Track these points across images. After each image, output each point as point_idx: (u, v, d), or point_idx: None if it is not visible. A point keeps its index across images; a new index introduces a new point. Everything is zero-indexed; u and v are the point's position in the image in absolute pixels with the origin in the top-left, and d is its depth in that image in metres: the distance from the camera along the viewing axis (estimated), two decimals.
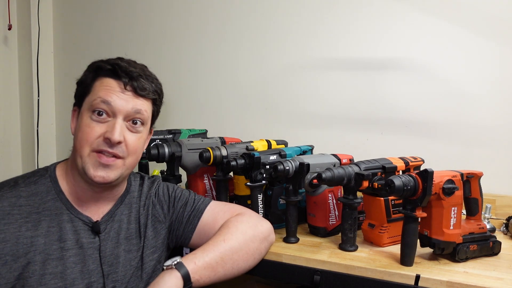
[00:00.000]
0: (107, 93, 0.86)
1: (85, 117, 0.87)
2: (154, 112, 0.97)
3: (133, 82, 0.88)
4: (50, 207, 0.87)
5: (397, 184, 0.99)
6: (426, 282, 0.97)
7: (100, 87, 0.88)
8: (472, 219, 1.15)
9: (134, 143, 0.90)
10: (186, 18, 1.98)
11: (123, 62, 0.91)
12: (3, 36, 2.12)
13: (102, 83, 0.88)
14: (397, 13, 1.60)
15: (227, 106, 1.93)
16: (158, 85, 0.96)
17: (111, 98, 0.86)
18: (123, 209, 0.98)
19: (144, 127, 0.93)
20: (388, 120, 1.65)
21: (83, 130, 0.86)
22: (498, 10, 1.47)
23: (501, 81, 1.49)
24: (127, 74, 0.88)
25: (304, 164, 1.18)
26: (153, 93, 0.93)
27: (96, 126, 0.86)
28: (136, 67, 0.92)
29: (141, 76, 0.90)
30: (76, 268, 0.86)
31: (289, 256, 1.11)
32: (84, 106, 0.88)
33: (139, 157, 0.94)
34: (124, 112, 0.87)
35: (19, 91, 2.21)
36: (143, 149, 0.96)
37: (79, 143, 0.86)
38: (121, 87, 0.88)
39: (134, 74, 0.89)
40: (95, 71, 0.90)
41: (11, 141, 2.19)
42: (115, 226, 0.95)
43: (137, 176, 1.07)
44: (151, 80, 0.93)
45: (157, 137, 1.58)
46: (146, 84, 0.90)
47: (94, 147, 0.85)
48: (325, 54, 1.73)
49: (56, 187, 0.90)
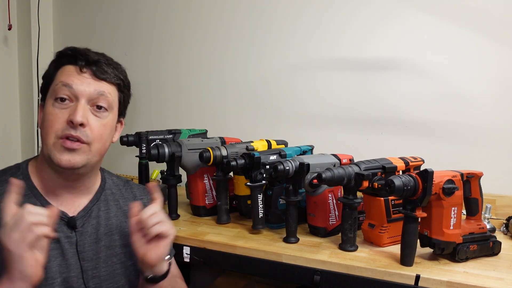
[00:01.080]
0: (68, 77, 0.87)
1: (48, 105, 0.87)
2: (120, 98, 0.95)
3: (92, 66, 0.88)
4: (24, 203, 0.87)
5: (397, 184, 0.99)
6: (426, 282, 0.97)
7: (61, 74, 0.88)
8: (472, 219, 1.15)
9: (99, 128, 0.89)
10: (186, 19, 1.98)
11: (84, 49, 0.91)
12: (3, 36, 2.12)
13: (63, 70, 0.89)
14: (397, 13, 1.60)
15: (227, 106, 1.93)
16: (122, 71, 0.95)
17: (72, 81, 0.86)
18: (100, 206, 0.98)
19: (110, 113, 0.91)
20: (388, 120, 1.65)
21: (47, 118, 0.86)
22: (498, 10, 1.47)
23: (501, 81, 1.49)
24: (86, 58, 0.88)
25: (304, 164, 1.18)
26: (115, 78, 0.91)
27: (59, 112, 0.86)
28: (98, 54, 0.92)
29: (100, 61, 0.90)
30: (55, 262, 0.87)
31: (289, 256, 1.11)
32: (48, 95, 0.89)
33: (106, 145, 0.93)
34: (86, 94, 0.86)
35: (19, 91, 2.21)
36: (111, 137, 0.95)
37: (45, 133, 0.87)
38: (81, 71, 0.87)
39: (94, 58, 0.89)
40: (56, 61, 0.91)
41: (11, 141, 2.19)
42: (93, 222, 0.95)
43: (112, 175, 1.07)
44: (114, 66, 0.93)
45: (157, 137, 1.58)
46: (106, 68, 0.90)
47: (58, 134, 0.85)
48: (325, 54, 1.73)
49: (28, 184, 0.90)
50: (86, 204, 0.96)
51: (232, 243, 1.20)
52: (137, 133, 1.57)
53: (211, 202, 1.46)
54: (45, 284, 0.84)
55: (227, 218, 1.38)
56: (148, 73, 2.06)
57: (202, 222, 1.40)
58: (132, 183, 1.10)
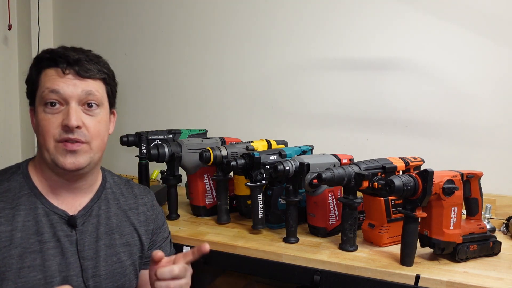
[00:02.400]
0: (53, 82, 0.86)
1: (39, 112, 0.87)
2: (108, 91, 0.95)
3: (74, 66, 0.88)
4: (24, 202, 0.88)
5: (397, 184, 0.99)
6: (426, 282, 0.97)
7: (45, 79, 0.88)
8: (472, 219, 1.15)
9: (95, 126, 0.89)
10: (186, 19, 1.98)
11: (61, 49, 0.90)
12: (3, 36, 2.12)
13: (46, 74, 0.88)
14: (397, 13, 1.60)
15: (228, 106, 1.93)
16: (104, 64, 0.95)
17: (58, 86, 0.86)
18: (100, 204, 0.98)
19: (101, 108, 0.92)
20: (388, 120, 1.65)
21: (42, 124, 0.87)
22: (498, 10, 1.47)
23: (501, 81, 1.49)
24: (66, 59, 0.87)
25: (304, 164, 1.18)
26: (99, 73, 0.91)
27: (52, 117, 0.86)
28: (76, 51, 0.91)
29: (81, 59, 0.89)
30: (55, 261, 0.87)
31: (289, 256, 1.11)
32: (37, 102, 0.89)
33: (104, 140, 0.94)
34: (75, 97, 0.87)
35: (19, 91, 2.21)
36: (107, 131, 0.96)
37: (42, 138, 0.87)
38: (63, 73, 0.87)
39: (74, 58, 0.88)
40: (37, 65, 0.90)
41: (11, 141, 2.19)
42: (93, 221, 0.95)
43: (113, 174, 1.08)
44: (95, 61, 0.92)
45: (157, 137, 1.58)
46: (88, 65, 0.89)
47: (56, 138, 0.86)
48: (325, 54, 1.73)
49: (29, 183, 0.90)
50: (87, 203, 0.96)
51: (232, 243, 1.20)
52: (137, 133, 1.57)
53: (211, 202, 1.46)
54: (44, 283, 0.84)
55: (227, 218, 1.38)
56: (148, 73, 2.06)
57: (202, 222, 1.40)
58: (132, 182, 1.11)
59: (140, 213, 1.03)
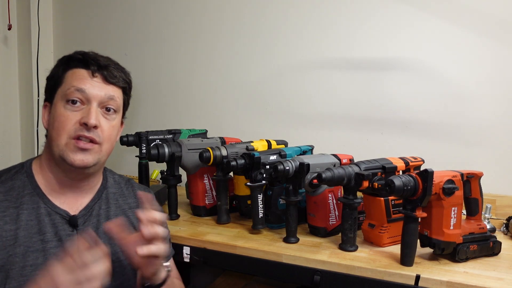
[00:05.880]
0: (81, 81, 0.90)
1: (59, 107, 0.90)
2: (125, 101, 1.00)
3: (103, 71, 0.92)
4: (27, 201, 0.89)
5: (397, 184, 0.99)
6: (426, 282, 0.97)
7: (72, 77, 0.91)
8: (472, 219, 1.15)
9: (109, 130, 0.93)
10: (186, 19, 1.98)
11: (92, 53, 0.95)
12: (3, 36, 2.12)
13: (73, 73, 0.91)
14: (397, 13, 1.60)
15: (227, 106, 1.93)
16: (128, 75, 1.00)
17: (85, 86, 0.89)
18: (101, 204, 0.99)
19: (117, 114, 0.96)
20: (388, 120, 1.64)
21: (59, 119, 0.89)
22: (498, 10, 1.47)
23: (501, 81, 1.49)
24: (97, 63, 0.91)
25: (304, 164, 1.18)
26: (123, 82, 0.96)
27: (71, 114, 0.88)
28: (103, 57, 0.95)
29: (110, 65, 0.93)
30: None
31: (289, 256, 1.11)
32: (57, 98, 0.91)
33: (113, 145, 0.97)
34: (98, 98, 0.90)
35: (19, 91, 2.21)
36: (116, 138, 0.99)
37: (56, 133, 0.89)
38: (92, 75, 0.91)
39: (104, 62, 0.92)
40: (66, 63, 0.93)
41: (11, 141, 2.19)
42: (94, 221, 0.96)
43: (114, 174, 1.09)
44: (121, 69, 0.97)
45: (157, 137, 1.58)
46: (115, 72, 0.94)
47: (71, 134, 0.88)
48: (325, 54, 1.73)
49: (32, 182, 0.92)
50: (88, 202, 0.97)
51: (232, 243, 1.20)
52: (137, 133, 1.57)
53: (211, 202, 1.46)
54: None
55: (227, 218, 1.38)
56: (148, 73, 2.06)
57: (202, 222, 1.40)
58: (133, 182, 1.11)
59: None
